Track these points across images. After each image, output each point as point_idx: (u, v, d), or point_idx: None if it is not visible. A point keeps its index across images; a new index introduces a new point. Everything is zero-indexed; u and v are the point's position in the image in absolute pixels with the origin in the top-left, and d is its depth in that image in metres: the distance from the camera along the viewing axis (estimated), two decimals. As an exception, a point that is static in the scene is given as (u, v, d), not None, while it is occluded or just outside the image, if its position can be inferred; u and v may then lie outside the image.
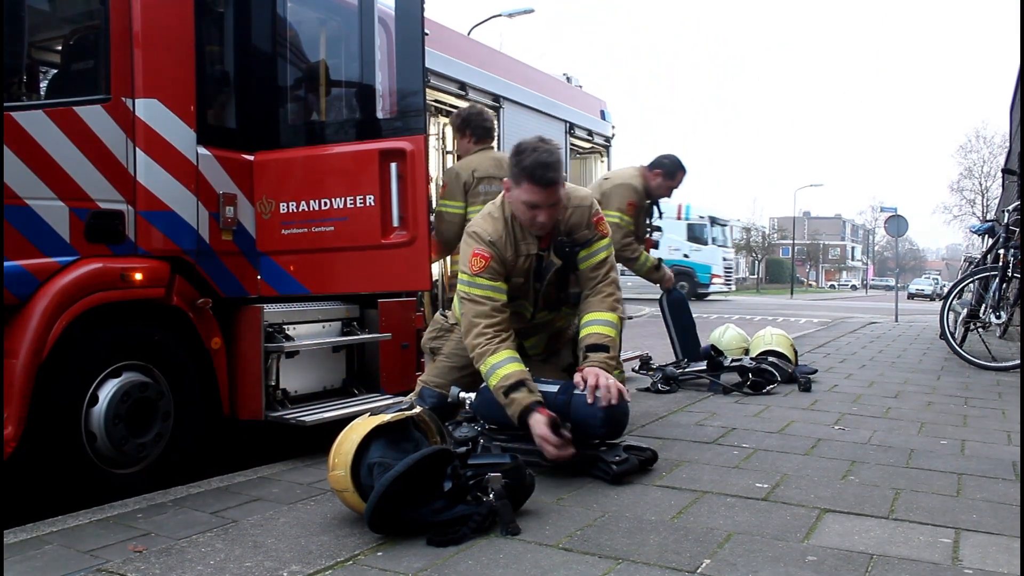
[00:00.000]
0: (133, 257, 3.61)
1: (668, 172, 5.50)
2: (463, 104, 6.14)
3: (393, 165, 3.85)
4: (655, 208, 5.79)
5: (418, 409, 2.71)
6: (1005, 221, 6.92)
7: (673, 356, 5.89)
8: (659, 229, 6.00)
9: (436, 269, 5.34)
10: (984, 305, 7.04)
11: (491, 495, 2.44)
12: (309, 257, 4.06)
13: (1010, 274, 6.62)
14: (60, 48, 3.98)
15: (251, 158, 4.14)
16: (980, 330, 7.19)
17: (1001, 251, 6.81)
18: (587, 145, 8.15)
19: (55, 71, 4.11)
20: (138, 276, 3.56)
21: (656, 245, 5.85)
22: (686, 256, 28.70)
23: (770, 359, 5.54)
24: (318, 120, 4.51)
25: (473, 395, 3.30)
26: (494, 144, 5.00)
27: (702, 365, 5.41)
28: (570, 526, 2.46)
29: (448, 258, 5.24)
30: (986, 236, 7.88)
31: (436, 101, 5.97)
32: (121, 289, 3.51)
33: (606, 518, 2.54)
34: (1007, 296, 6.75)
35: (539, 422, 2.92)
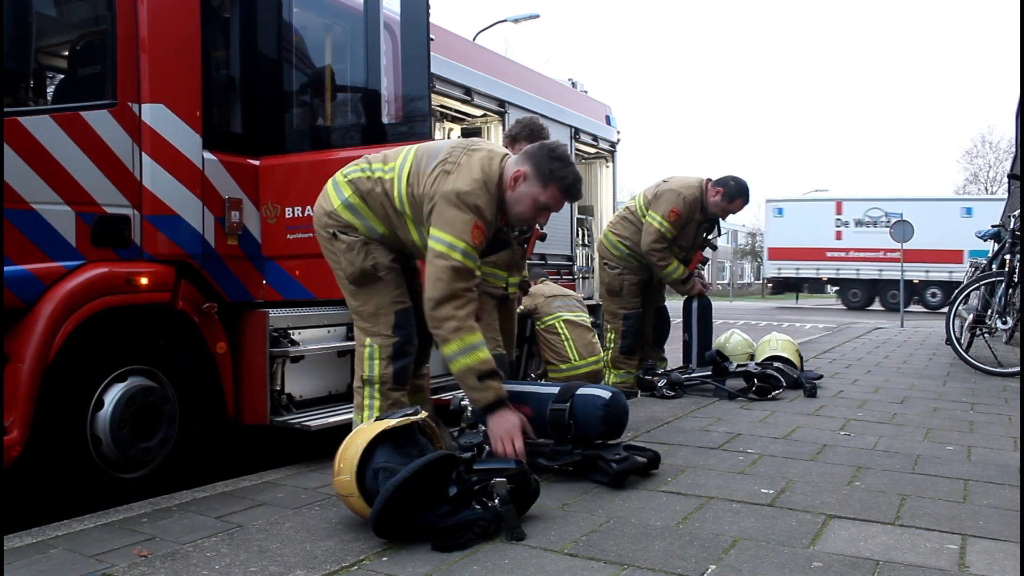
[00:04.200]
0: (139, 261, 3.63)
1: (729, 195, 5.51)
2: (468, 109, 6.16)
3: (398, 170, 3.85)
4: (716, 225, 5.79)
5: (424, 414, 2.71)
6: (1011, 226, 6.90)
7: (682, 361, 5.87)
8: (714, 248, 5.97)
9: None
10: (990, 311, 7.01)
11: (496, 500, 2.43)
12: (314, 262, 4.06)
13: (1016, 279, 6.60)
14: (67, 53, 4.00)
15: (257, 163, 4.15)
16: (986, 336, 7.16)
17: (1007, 256, 6.79)
18: (592, 150, 8.15)
19: (62, 76, 4.13)
20: (144, 280, 3.57)
21: (706, 261, 5.82)
22: None
23: (775, 364, 5.53)
24: (323, 125, 4.52)
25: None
26: None
27: (707, 370, 5.41)
28: (575, 531, 2.45)
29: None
30: (992, 241, 7.85)
31: (441, 106, 5.99)
32: (127, 293, 3.51)
33: (611, 523, 2.53)
34: (1013, 302, 6.73)
35: (512, 418, 2.93)
